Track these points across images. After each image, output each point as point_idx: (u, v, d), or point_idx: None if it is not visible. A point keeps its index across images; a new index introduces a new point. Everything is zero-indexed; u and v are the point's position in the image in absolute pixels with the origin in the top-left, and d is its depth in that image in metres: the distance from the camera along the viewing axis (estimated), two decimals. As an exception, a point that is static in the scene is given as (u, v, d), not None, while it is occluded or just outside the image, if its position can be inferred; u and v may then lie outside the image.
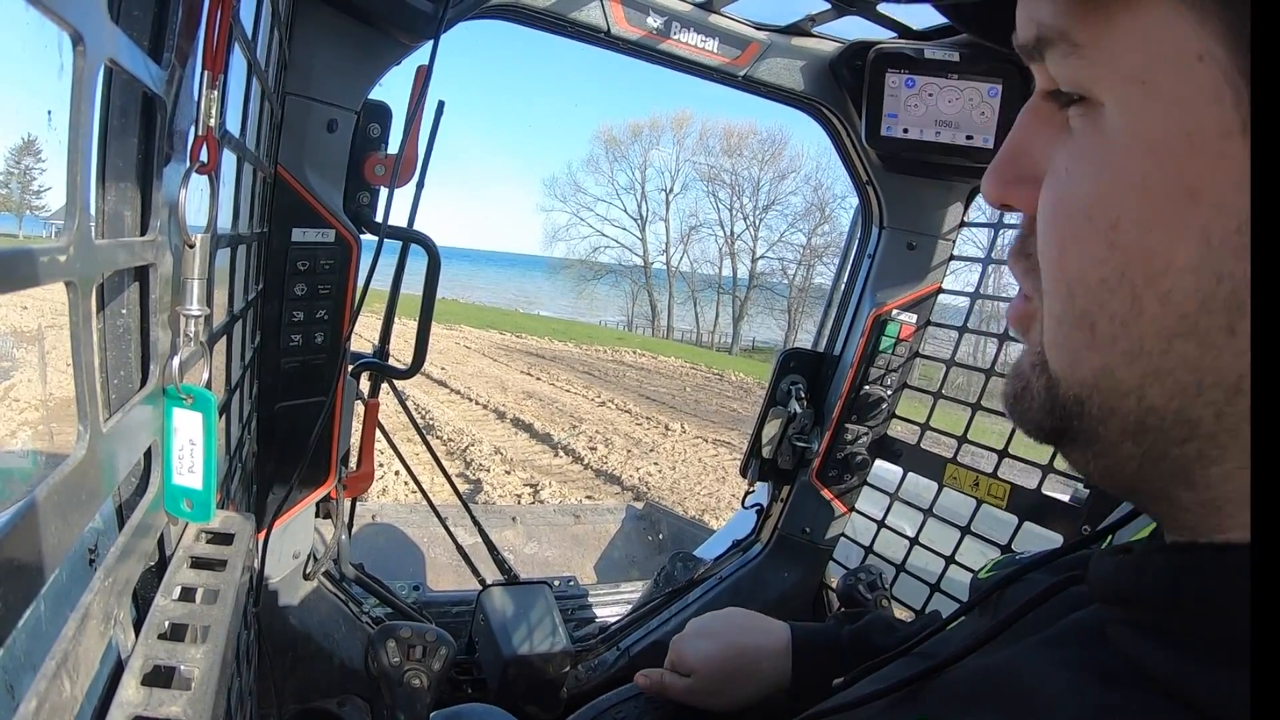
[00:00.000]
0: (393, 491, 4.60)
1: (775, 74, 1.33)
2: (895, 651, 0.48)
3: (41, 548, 0.28)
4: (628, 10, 1.17)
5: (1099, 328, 0.26)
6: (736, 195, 26.82)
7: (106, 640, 0.37)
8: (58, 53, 0.30)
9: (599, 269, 29.59)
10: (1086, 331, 0.27)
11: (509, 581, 1.42)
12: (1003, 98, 1.22)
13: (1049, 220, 0.28)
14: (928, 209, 1.51)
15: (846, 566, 1.62)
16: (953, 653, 0.38)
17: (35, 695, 0.28)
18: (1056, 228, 0.27)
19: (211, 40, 0.46)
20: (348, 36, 0.96)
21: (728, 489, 5.89)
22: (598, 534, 2.74)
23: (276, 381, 1.03)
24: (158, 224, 0.42)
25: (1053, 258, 0.28)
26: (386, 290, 1.26)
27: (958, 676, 0.36)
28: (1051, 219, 0.28)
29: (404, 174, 1.06)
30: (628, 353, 16.02)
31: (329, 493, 1.17)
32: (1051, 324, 0.28)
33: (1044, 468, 1.32)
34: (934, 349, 1.61)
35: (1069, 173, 0.27)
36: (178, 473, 0.48)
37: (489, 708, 0.93)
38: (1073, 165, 0.27)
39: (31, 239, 0.94)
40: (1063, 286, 0.27)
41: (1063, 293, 0.27)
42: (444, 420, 7.27)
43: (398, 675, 1.11)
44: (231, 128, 0.60)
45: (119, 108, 0.40)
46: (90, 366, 0.34)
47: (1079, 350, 0.27)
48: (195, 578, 0.49)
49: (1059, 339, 0.28)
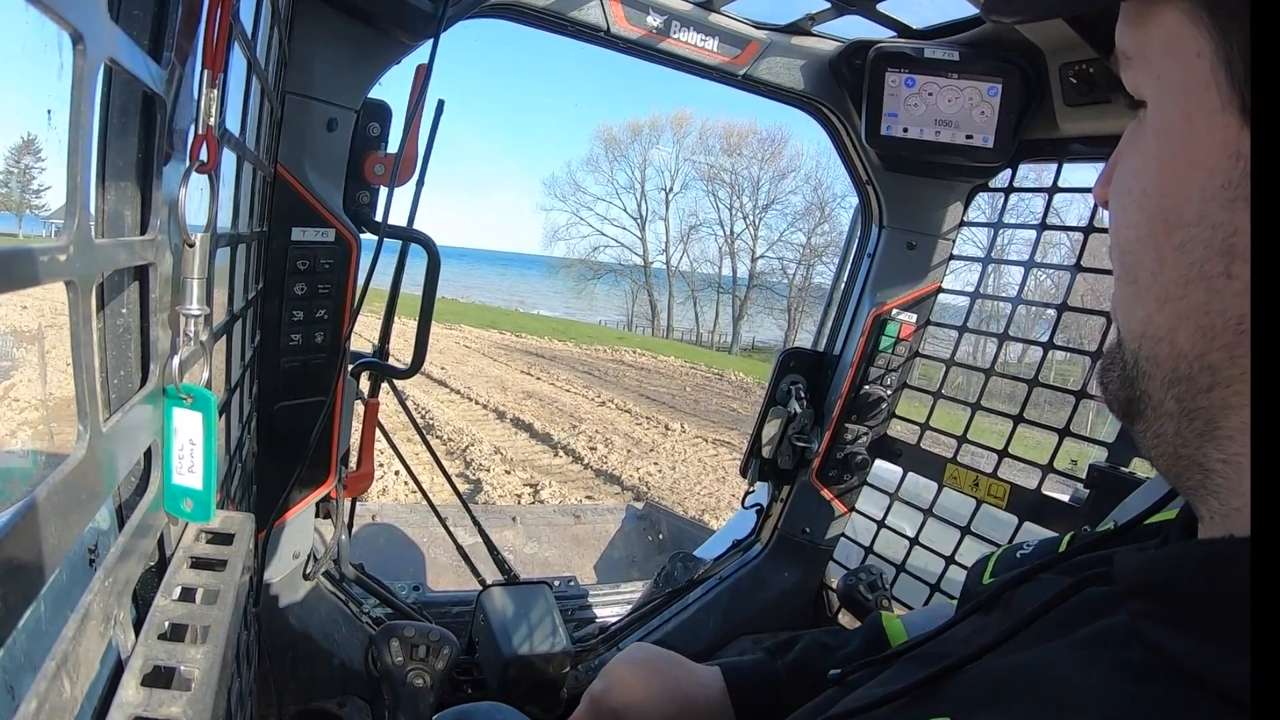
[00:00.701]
0: (393, 491, 4.60)
1: (775, 73, 1.33)
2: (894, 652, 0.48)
3: (41, 548, 0.28)
4: (628, 9, 1.17)
5: (1140, 280, 0.31)
6: (736, 194, 26.86)
7: (106, 640, 0.37)
8: (58, 52, 0.30)
9: (599, 268, 29.59)
10: (1133, 285, 0.32)
11: (509, 581, 1.42)
12: (1003, 97, 1.22)
13: (1111, 200, 0.34)
14: (928, 208, 1.51)
15: (846, 566, 1.62)
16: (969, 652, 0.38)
17: (35, 695, 0.28)
18: (1112, 205, 0.34)
19: (211, 39, 0.46)
20: (348, 35, 0.96)
21: (728, 489, 5.89)
22: (598, 534, 2.74)
23: (276, 381, 1.03)
24: (158, 223, 0.42)
25: (1112, 230, 0.34)
26: (386, 290, 1.26)
27: (977, 676, 0.37)
28: (1111, 198, 0.34)
29: (404, 173, 1.06)
30: (628, 352, 16.03)
31: (329, 493, 1.17)
32: (1116, 288, 0.34)
33: (1044, 468, 1.32)
34: (934, 349, 1.61)
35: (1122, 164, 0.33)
36: (178, 473, 0.47)
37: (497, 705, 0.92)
38: (1123, 153, 0.34)
39: (31, 238, 0.94)
40: (1118, 250, 0.33)
41: (1118, 255, 0.33)
42: (444, 420, 7.27)
43: (401, 675, 1.11)
44: (231, 127, 0.60)
45: (119, 107, 0.40)
46: (90, 366, 0.34)
47: (1131, 304, 0.32)
48: (195, 578, 0.49)
49: (1120, 297, 0.33)
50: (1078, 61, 1.15)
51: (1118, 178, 0.33)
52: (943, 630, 0.46)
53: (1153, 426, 0.32)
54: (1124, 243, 0.32)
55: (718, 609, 1.63)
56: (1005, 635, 0.37)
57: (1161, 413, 0.31)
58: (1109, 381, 0.35)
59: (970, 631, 0.45)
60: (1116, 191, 0.33)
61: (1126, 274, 0.32)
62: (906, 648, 0.47)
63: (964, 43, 1.25)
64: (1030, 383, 1.36)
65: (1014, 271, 1.45)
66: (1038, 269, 1.42)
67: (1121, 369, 0.34)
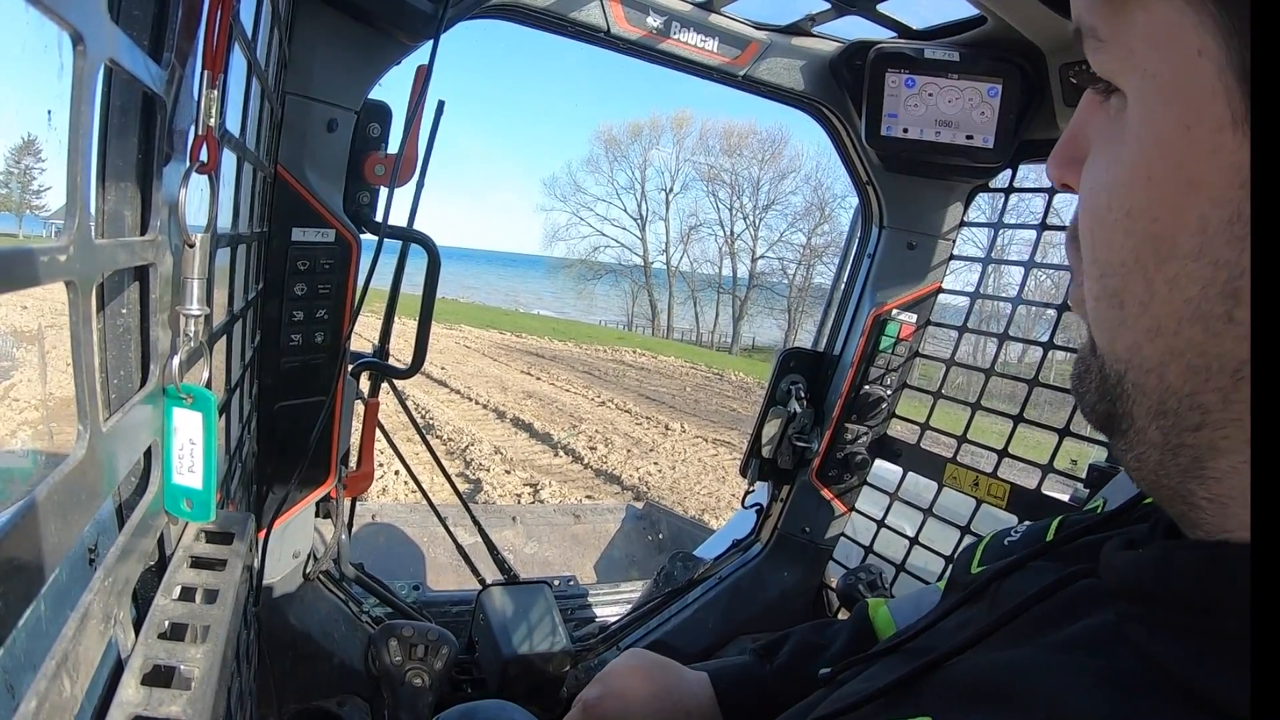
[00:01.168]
0: (393, 491, 4.60)
1: (775, 74, 1.33)
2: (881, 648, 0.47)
3: (41, 548, 0.28)
4: (628, 10, 1.17)
5: (1126, 306, 0.28)
6: (736, 195, 26.85)
7: (106, 640, 0.37)
8: (58, 53, 0.30)
9: (599, 269, 29.58)
10: (1118, 310, 0.28)
11: (509, 581, 1.42)
12: (1002, 98, 1.22)
13: (1082, 206, 0.30)
14: (928, 209, 1.51)
15: (846, 566, 1.62)
16: (952, 646, 0.36)
17: (35, 695, 0.28)
18: (1087, 214, 0.30)
19: (211, 40, 0.46)
20: (348, 36, 0.96)
21: (727, 489, 5.89)
22: (598, 534, 2.74)
23: (277, 381, 1.03)
24: (158, 224, 0.42)
25: (1086, 241, 0.30)
26: (386, 290, 1.26)
27: (959, 672, 0.35)
28: (1083, 206, 0.30)
29: (404, 174, 1.06)
30: (628, 352, 16.02)
31: (329, 492, 1.17)
32: (1091, 302, 0.30)
33: (1044, 468, 1.32)
34: (934, 349, 1.61)
35: (1095, 160, 0.29)
36: (178, 472, 0.48)
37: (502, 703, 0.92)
38: (1101, 151, 0.29)
39: (31, 239, 0.94)
40: (1095, 268, 0.29)
41: (1096, 274, 0.29)
42: (444, 420, 7.27)
43: (399, 674, 1.12)
44: (231, 127, 0.60)
45: (119, 107, 0.40)
46: (90, 366, 0.34)
47: (1114, 327, 0.29)
48: (195, 577, 0.49)
49: (1099, 316, 0.30)
50: (1078, 62, 1.15)
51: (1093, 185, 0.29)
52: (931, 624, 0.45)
53: (1134, 450, 0.30)
54: (1105, 263, 0.28)
55: (717, 608, 1.63)
56: (990, 629, 0.36)
57: (1145, 440, 0.29)
58: (1085, 391, 0.32)
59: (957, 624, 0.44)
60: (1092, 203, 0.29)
61: (1108, 296, 0.29)
62: (894, 643, 0.46)
63: (964, 43, 1.25)
64: (1030, 383, 1.36)
65: (1014, 272, 1.46)
66: (1038, 269, 1.42)
67: (1100, 382, 0.31)
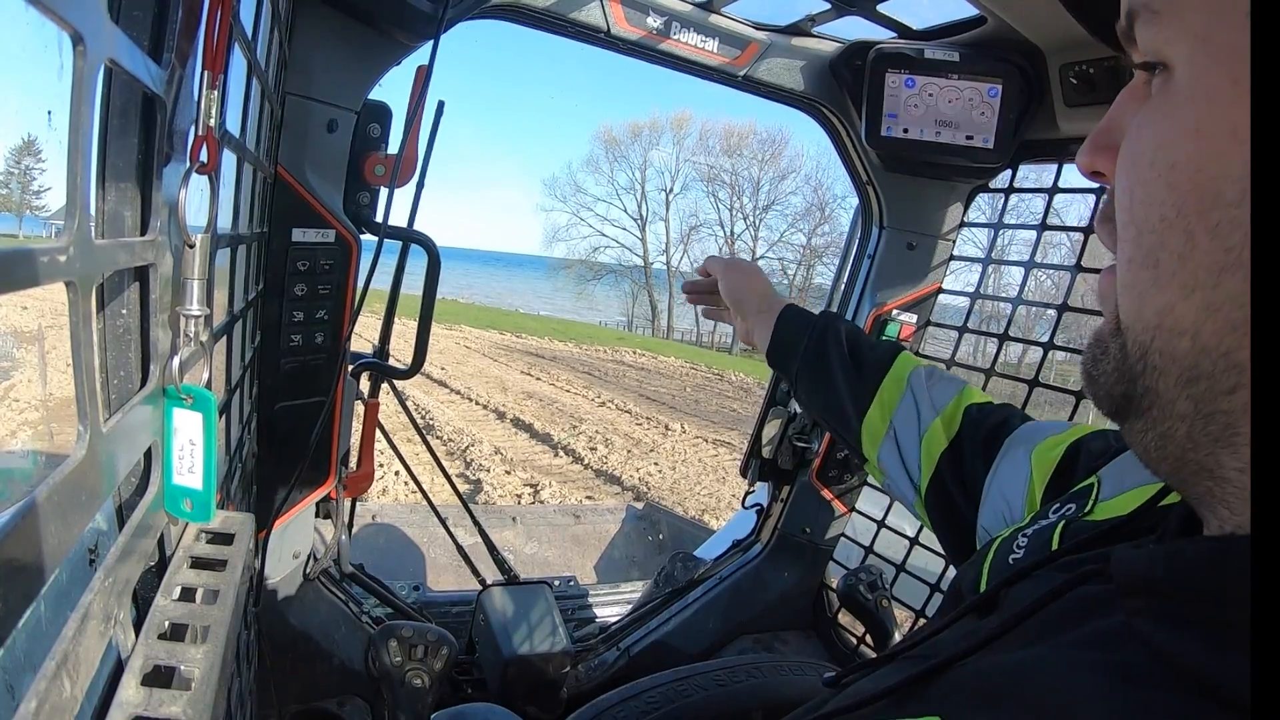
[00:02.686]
0: (393, 491, 4.61)
1: (775, 74, 1.33)
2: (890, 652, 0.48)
3: (41, 548, 0.28)
4: (628, 10, 1.17)
5: (1162, 264, 0.28)
6: (736, 195, 26.88)
7: (106, 640, 0.37)
8: (58, 53, 0.30)
9: (599, 269, 29.60)
10: (1151, 270, 0.29)
11: (509, 581, 1.42)
12: (1003, 98, 1.22)
13: (1122, 172, 0.31)
14: (928, 209, 1.51)
15: (846, 566, 1.62)
16: (959, 649, 0.37)
17: (35, 695, 0.28)
18: (1127, 176, 0.30)
19: (211, 40, 0.46)
20: (348, 36, 0.96)
21: (728, 489, 5.89)
22: (598, 534, 2.74)
23: (277, 381, 1.03)
24: (158, 224, 0.42)
25: (1124, 205, 0.30)
26: (386, 290, 1.26)
27: (966, 674, 0.35)
28: (1123, 170, 0.31)
29: (404, 174, 1.06)
30: (628, 353, 16.03)
31: (329, 493, 1.17)
32: (1123, 268, 0.31)
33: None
34: (934, 349, 1.61)
35: (1139, 128, 0.30)
36: (178, 473, 0.48)
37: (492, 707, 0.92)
38: (1143, 121, 0.30)
39: (31, 239, 0.94)
40: (1132, 229, 0.30)
41: (1132, 235, 0.30)
42: (444, 420, 7.27)
43: (399, 675, 1.11)
44: (231, 128, 0.60)
45: (119, 108, 0.40)
46: (90, 366, 0.34)
47: (1146, 289, 0.29)
48: (195, 578, 0.49)
49: (1129, 281, 0.30)
50: (1078, 62, 1.15)
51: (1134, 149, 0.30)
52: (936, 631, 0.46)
53: (1157, 427, 0.30)
54: (1143, 220, 0.29)
55: (718, 609, 1.63)
56: (997, 632, 0.36)
57: (1171, 413, 0.29)
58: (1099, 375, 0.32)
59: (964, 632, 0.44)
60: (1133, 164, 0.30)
61: (1143, 256, 0.29)
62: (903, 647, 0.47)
63: (964, 43, 1.25)
64: (1030, 383, 1.36)
65: (1014, 272, 1.46)
66: (1038, 269, 1.42)
67: (1120, 361, 0.31)
